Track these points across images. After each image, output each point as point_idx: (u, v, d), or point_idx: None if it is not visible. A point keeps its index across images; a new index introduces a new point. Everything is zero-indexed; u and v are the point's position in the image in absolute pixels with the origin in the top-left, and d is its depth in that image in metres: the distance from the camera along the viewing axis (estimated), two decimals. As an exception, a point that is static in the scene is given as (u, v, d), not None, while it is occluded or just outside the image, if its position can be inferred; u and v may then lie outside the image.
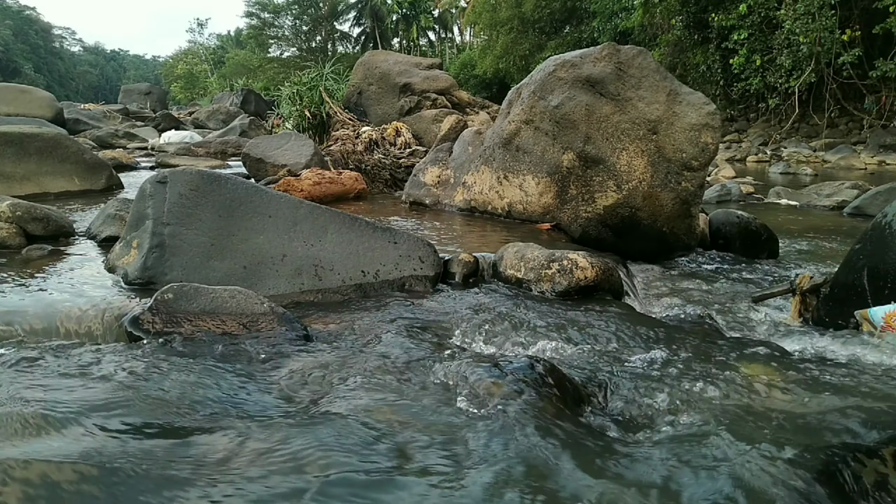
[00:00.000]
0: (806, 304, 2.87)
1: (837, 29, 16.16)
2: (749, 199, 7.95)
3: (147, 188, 2.56)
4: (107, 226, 3.15)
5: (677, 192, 3.55)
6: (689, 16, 20.58)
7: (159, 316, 2.03)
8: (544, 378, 1.56)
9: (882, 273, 2.36)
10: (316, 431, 1.32)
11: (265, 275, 2.50)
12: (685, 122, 3.54)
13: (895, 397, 1.58)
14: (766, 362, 1.89)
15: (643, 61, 3.66)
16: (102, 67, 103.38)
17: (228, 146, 9.38)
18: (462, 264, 2.80)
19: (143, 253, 2.42)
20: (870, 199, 6.45)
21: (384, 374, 1.70)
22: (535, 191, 3.78)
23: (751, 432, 1.40)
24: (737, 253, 4.23)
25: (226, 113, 16.17)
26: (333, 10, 49.74)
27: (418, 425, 1.41)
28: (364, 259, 2.66)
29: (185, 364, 1.74)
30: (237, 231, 2.54)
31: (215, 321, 2.07)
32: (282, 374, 1.72)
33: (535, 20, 28.41)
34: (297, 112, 7.27)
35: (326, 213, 2.71)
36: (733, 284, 3.40)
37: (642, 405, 1.63)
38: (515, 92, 4.11)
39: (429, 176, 4.57)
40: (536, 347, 2.01)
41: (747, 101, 21.46)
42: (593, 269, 2.55)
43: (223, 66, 54.41)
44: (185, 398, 1.52)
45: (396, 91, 6.83)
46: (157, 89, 30.11)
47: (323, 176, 4.73)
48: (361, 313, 2.32)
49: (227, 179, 2.63)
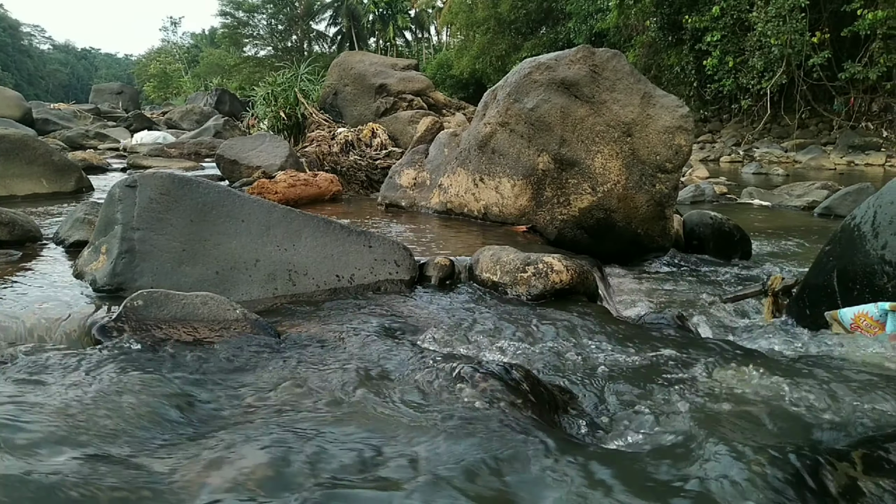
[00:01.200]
0: (778, 304, 2.91)
1: (807, 31, 16.47)
2: (722, 200, 8.06)
3: (116, 192, 2.50)
4: (75, 230, 3.09)
5: (652, 193, 3.58)
6: (663, 17, 20.84)
7: (128, 323, 1.99)
8: (519, 385, 1.56)
9: (851, 275, 2.40)
10: (282, 443, 1.30)
11: (238, 280, 2.46)
12: (659, 124, 3.57)
13: (863, 399, 1.60)
14: (739, 366, 1.91)
15: (617, 64, 3.68)
16: (73, 66, 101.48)
17: (202, 147, 9.27)
18: (438, 268, 2.79)
19: (112, 258, 2.37)
20: (839, 199, 6.58)
21: (356, 382, 1.68)
22: (510, 193, 3.78)
23: (724, 437, 1.41)
24: (711, 254, 4.28)
25: (200, 113, 15.97)
26: (309, 9, 49.41)
27: (389, 435, 1.40)
28: (339, 263, 2.64)
29: (152, 374, 1.70)
30: (209, 236, 2.50)
31: (186, 328, 2.03)
32: (252, 382, 1.69)
33: (512, 21, 28.54)
34: (272, 113, 7.20)
35: (300, 217, 2.68)
36: (707, 286, 3.43)
37: (617, 410, 1.63)
38: (491, 94, 4.11)
39: (405, 178, 4.55)
40: (512, 352, 2.01)
41: (720, 102, 21.78)
42: (568, 273, 2.55)
43: (197, 65, 53.80)
44: (148, 410, 1.49)
45: (372, 92, 6.80)
46: (129, 89, 29.66)
47: (298, 178, 4.69)
48: (336, 319, 2.30)
49: (198, 183, 2.59)
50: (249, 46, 49.20)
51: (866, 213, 2.42)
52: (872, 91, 17.68)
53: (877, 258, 2.31)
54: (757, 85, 17.80)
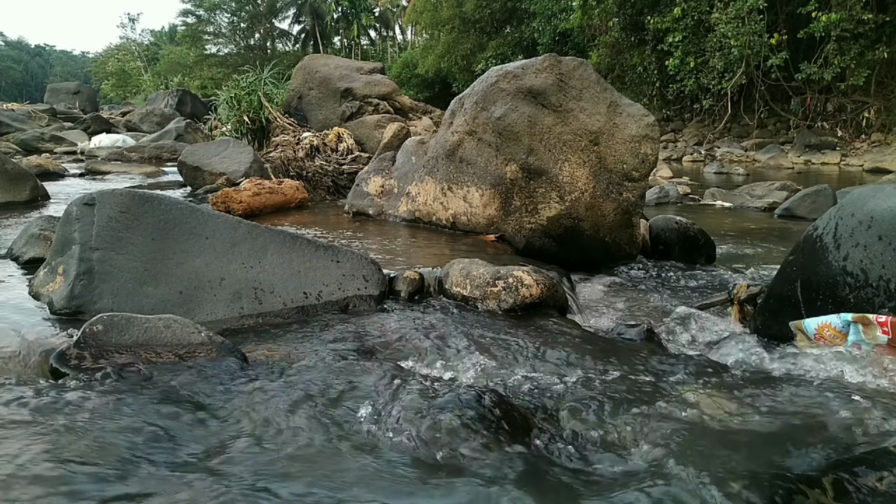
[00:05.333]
0: (744, 312, 2.96)
1: (765, 33, 16.84)
2: (686, 201, 8.19)
3: (73, 211, 2.42)
4: (30, 247, 2.98)
5: (619, 202, 3.61)
6: (625, 18, 21.12)
7: (88, 350, 1.92)
8: (492, 410, 1.54)
9: (814, 285, 2.44)
10: (244, 481, 1.26)
11: (202, 300, 2.40)
12: (626, 133, 3.59)
13: (830, 417, 1.63)
14: (707, 382, 1.93)
15: (584, 72, 3.70)
16: (27, 63, 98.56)
17: (163, 151, 9.07)
18: (407, 282, 2.77)
19: (70, 280, 2.29)
20: (798, 201, 6.74)
21: (324, 409, 1.65)
22: (479, 202, 3.77)
23: (696, 461, 1.42)
24: (676, 259, 4.33)
25: (160, 115, 15.65)
26: (272, 7, 48.82)
27: (359, 467, 1.37)
28: (306, 280, 2.60)
29: (113, 405, 1.64)
30: (172, 254, 2.43)
31: (150, 354, 1.97)
32: (217, 413, 1.64)
33: (476, 20, 28.59)
34: (235, 117, 7.08)
35: (266, 233, 2.63)
36: (674, 293, 3.47)
37: (588, 433, 1.63)
38: (458, 102, 4.09)
39: (372, 186, 4.51)
40: (483, 372, 1.99)
41: (682, 102, 22.17)
42: (538, 287, 2.55)
43: (157, 63, 52.76)
44: (107, 446, 1.43)
45: (337, 96, 6.73)
46: (86, 88, 28.92)
47: (263, 186, 4.61)
48: (303, 339, 2.25)
49: (160, 200, 2.52)
50: (211, 45, 48.40)
51: (828, 225, 2.46)
52: (827, 91, 18.16)
53: (839, 269, 2.35)
54: (717, 85, 18.15)
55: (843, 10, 15.46)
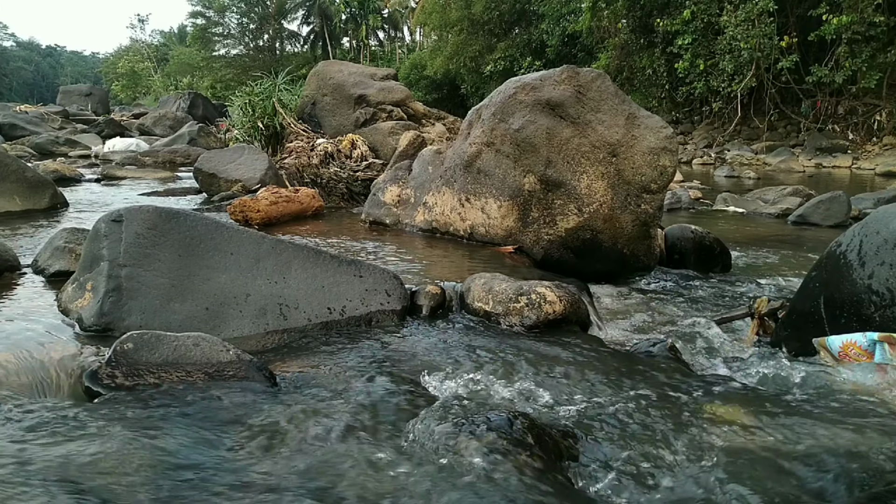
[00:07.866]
0: (764, 327, 2.96)
1: (776, 35, 16.77)
2: (698, 206, 8.17)
3: (101, 228, 2.44)
4: (55, 259, 3.01)
5: (637, 214, 3.61)
6: (635, 20, 21.07)
7: (119, 369, 1.95)
8: (524, 436, 1.55)
9: (838, 302, 2.43)
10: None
11: (228, 316, 2.42)
12: (644, 145, 3.60)
13: (856, 441, 1.63)
14: (734, 402, 1.93)
15: (602, 84, 3.70)
16: (38, 64, 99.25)
17: (177, 155, 9.13)
18: (429, 296, 2.78)
19: (100, 297, 2.31)
20: (812, 207, 6.71)
21: (353, 433, 1.66)
22: (497, 214, 3.78)
23: (726, 490, 1.43)
24: (692, 268, 4.33)
25: (173, 118, 15.73)
26: (281, 8, 48.99)
27: (391, 492, 1.38)
28: (330, 295, 2.61)
29: (148, 426, 1.66)
30: (198, 271, 2.45)
31: (180, 373, 1.99)
32: (248, 434, 1.66)
33: (485, 21, 28.56)
34: (249, 123, 7.11)
35: (290, 248, 2.65)
36: (692, 304, 3.47)
37: (618, 457, 1.64)
38: (475, 113, 4.10)
39: (388, 195, 4.52)
40: (509, 391, 2.01)
41: (692, 105, 22.10)
42: (561, 303, 2.56)
43: (167, 63, 52.99)
44: (145, 467, 1.45)
45: (351, 102, 6.75)
46: (98, 90, 29.10)
47: (280, 195, 4.63)
48: (329, 355, 2.27)
49: (185, 216, 2.55)
50: (220, 46, 48.61)
51: (852, 242, 2.45)
52: (838, 94, 18.07)
53: (864, 287, 2.34)
54: (727, 88, 18.10)
55: (854, 12, 15.39)
